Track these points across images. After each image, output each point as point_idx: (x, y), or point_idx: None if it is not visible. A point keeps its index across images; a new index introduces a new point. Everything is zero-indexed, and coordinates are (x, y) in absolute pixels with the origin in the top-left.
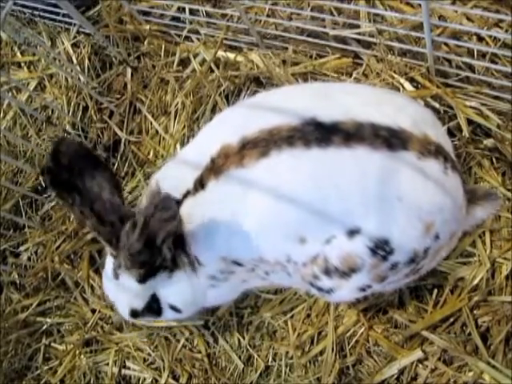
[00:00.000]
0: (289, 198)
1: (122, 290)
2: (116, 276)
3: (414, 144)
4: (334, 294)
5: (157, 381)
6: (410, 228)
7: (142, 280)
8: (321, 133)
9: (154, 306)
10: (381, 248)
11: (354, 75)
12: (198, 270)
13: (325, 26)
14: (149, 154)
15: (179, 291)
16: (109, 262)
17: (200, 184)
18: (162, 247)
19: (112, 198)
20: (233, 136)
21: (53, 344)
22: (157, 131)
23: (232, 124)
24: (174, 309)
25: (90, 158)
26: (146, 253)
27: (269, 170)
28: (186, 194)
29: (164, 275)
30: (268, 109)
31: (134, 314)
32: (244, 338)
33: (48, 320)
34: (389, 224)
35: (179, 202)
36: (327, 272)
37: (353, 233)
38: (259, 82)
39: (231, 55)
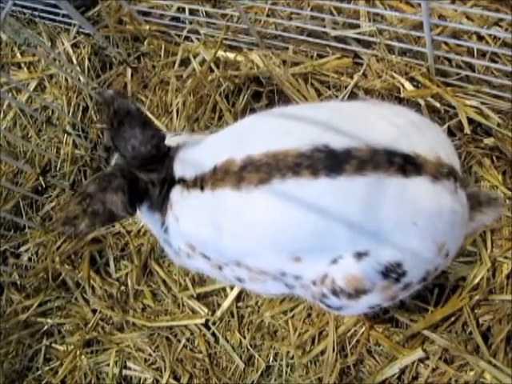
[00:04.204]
0: (286, 224)
1: None
2: None
3: (429, 168)
4: (343, 311)
5: (158, 381)
6: (424, 250)
7: None
8: (332, 161)
9: None
10: (393, 271)
11: (355, 78)
12: (168, 234)
13: (325, 26)
14: None
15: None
16: None
17: (200, 184)
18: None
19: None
20: (239, 151)
21: (54, 345)
22: None
23: (241, 137)
24: None
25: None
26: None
27: (267, 197)
28: (181, 181)
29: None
30: (282, 131)
31: None
32: (245, 338)
33: (49, 321)
34: (402, 248)
35: (173, 182)
36: (335, 293)
37: (360, 255)
38: (259, 82)
39: (231, 55)
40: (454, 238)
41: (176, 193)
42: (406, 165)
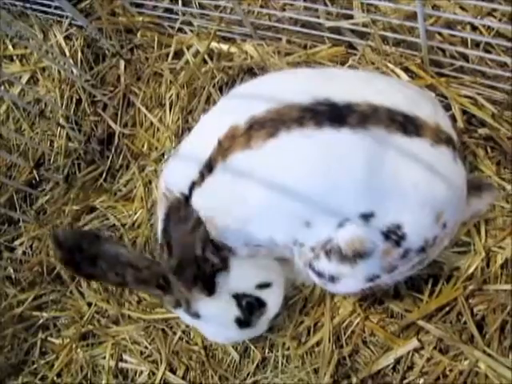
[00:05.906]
0: (296, 180)
1: (212, 319)
2: (196, 316)
3: (428, 131)
4: (338, 283)
5: (154, 373)
6: (423, 216)
7: (210, 291)
8: (334, 113)
9: (250, 301)
10: (393, 232)
11: (350, 62)
12: (235, 252)
13: (318, 17)
14: (143, 146)
15: (245, 269)
16: (183, 316)
17: (208, 169)
18: (205, 255)
19: (130, 251)
20: (241, 116)
21: (49, 338)
22: (151, 123)
23: (239, 103)
24: (264, 285)
25: (87, 234)
26: (191, 267)
27: (277, 150)
28: (193, 186)
29: (222, 273)
30: (279, 88)
31: (240, 322)
32: None
33: (44, 314)
34: (402, 210)
35: (188, 196)
36: (327, 253)
37: (367, 217)
38: (253, 73)
39: (225, 46)
40: (453, 210)
41: (194, 199)
42: (407, 124)
